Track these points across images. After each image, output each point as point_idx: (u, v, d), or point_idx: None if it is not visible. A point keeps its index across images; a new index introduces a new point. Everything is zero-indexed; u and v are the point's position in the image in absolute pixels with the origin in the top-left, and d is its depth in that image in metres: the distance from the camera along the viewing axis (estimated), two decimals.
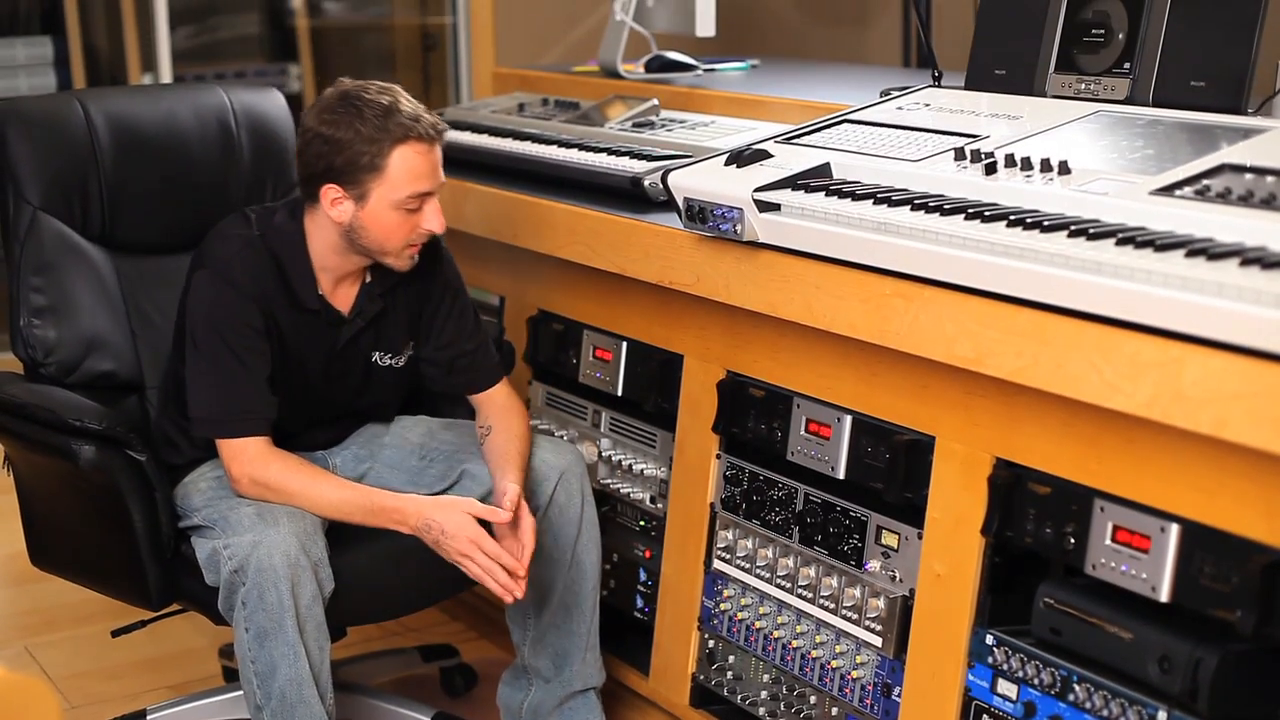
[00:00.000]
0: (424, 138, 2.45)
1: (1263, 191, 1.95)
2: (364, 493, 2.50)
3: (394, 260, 2.52)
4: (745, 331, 2.63)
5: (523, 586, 2.44)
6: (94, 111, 2.83)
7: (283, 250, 2.53)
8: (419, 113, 2.46)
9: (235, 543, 2.38)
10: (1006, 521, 2.17)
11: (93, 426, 2.48)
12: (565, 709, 2.75)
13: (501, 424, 2.67)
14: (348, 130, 2.42)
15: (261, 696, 2.39)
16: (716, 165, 2.54)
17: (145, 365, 2.82)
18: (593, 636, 2.73)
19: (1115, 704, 2.01)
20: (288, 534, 2.37)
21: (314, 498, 2.47)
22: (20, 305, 2.73)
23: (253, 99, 3.00)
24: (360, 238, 2.49)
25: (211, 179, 2.92)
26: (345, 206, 2.47)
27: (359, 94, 2.45)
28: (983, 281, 2.04)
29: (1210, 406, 1.76)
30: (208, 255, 2.54)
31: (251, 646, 2.38)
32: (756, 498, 2.65)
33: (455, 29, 5.62)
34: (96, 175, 2.81)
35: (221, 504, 2.50)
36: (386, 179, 2.44)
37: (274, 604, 2.34)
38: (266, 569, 2.34)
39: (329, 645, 2.44)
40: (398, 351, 2.68)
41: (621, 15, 3.63)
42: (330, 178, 2.45)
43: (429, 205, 2.49)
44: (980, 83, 2.62)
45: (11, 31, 5.31)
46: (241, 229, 2.55)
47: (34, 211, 2.75)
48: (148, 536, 2.52)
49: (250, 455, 2.48)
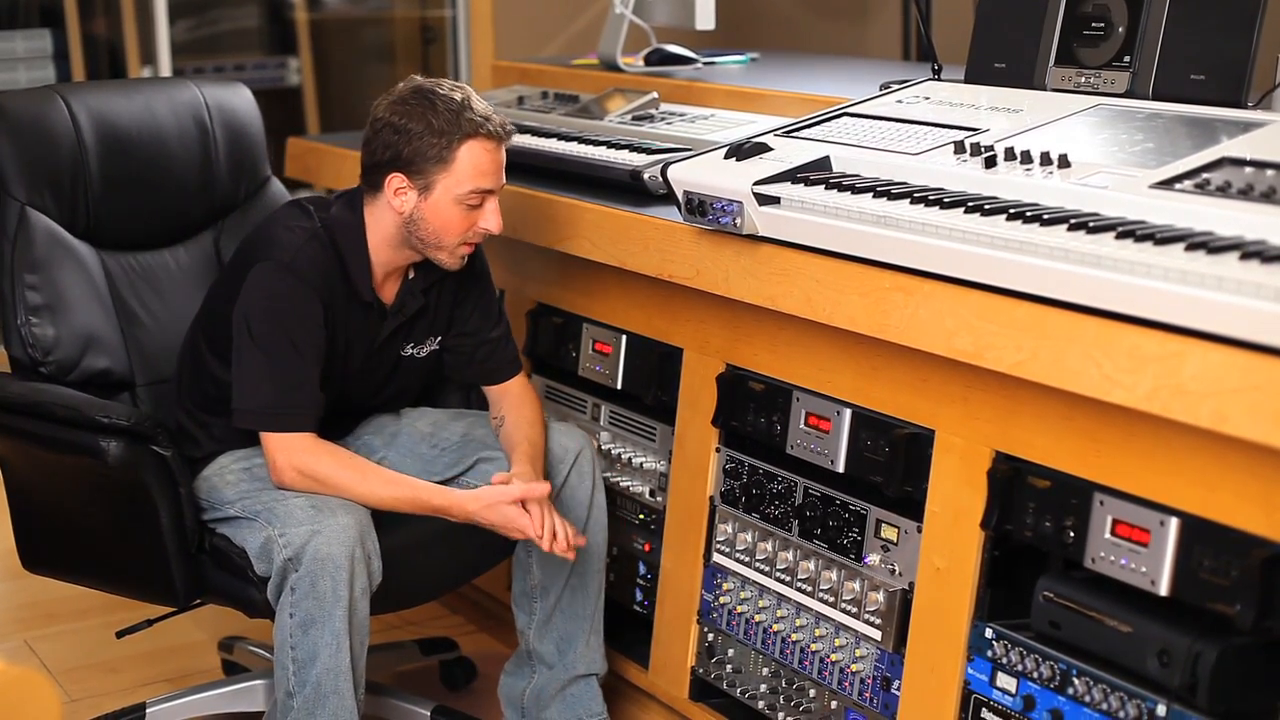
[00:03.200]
0: (493, 135, 2.50)
1: (1263, 185, 1.95)
2: (413, 488, 2.53)
3: (446, 256, 2.55)
4: (745, 325, 2.63)
5: (576, 544, 2.54)
6: (77, 107, 2.82)
7: (344, 242, 2.56)
8: (489, 112, 2.51)
9: (292, 533, 2.40)
10: (1006, 515, 2.17)
11: (121, 422, 2.48)
12: (567, 694, 2.76)
13: (514, 414, 2.71)
14: (419, 121, 2.47)
15: (296, 683, 2.41)
16: (716, 158, 2.54)
17: (134, 363, 2.81)
18: (597, 620, 2.76)
19: (1115, 697, 2.01)
20: (348, 524, 2.40)
21: (364, 492, 2.49)
22: (16, 303, 2.71)
23: (224, 94, 3.01)
24: (418, 229, 2.52)
25: (190, 174, 2.93)
26: (409, 196, 2.50)
27: (433, 88, 2.50)
28: (982, 275, 2.04)
29: (1210, 400, 1.75)
30: (271, 246, 2.54)
31: (294, 632, 2.39)
32: (756, 491, 2.65)
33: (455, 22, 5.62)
34: (83, 171, 2.80)
35: (263, 495, 2.51)
36: (452, 172, 2.48)
37: (327, 593, 2.37)
38: (325, 558, 2.36)
39: (368, 639, 2.46)
40: (423, 343, 2.71)
41: (621, 8, 3.63)
42: (397, 166, 2.49)
43: (489, 203, 2.53)
44: (980, 76, 2.62)
45: (11, 24, 5.31)
46: (303, 220, 2.57)
47: (21, 208, 2.74)
48: (174, 532, 2.52)
49: (300, 448, 2.50)
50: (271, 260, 2.52)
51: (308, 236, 2.54)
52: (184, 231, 2.95)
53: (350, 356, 2.62)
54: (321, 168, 3.67)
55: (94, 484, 2.58)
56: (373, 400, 2.76)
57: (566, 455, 2.69)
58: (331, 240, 2.55)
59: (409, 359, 2.71)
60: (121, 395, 2.80)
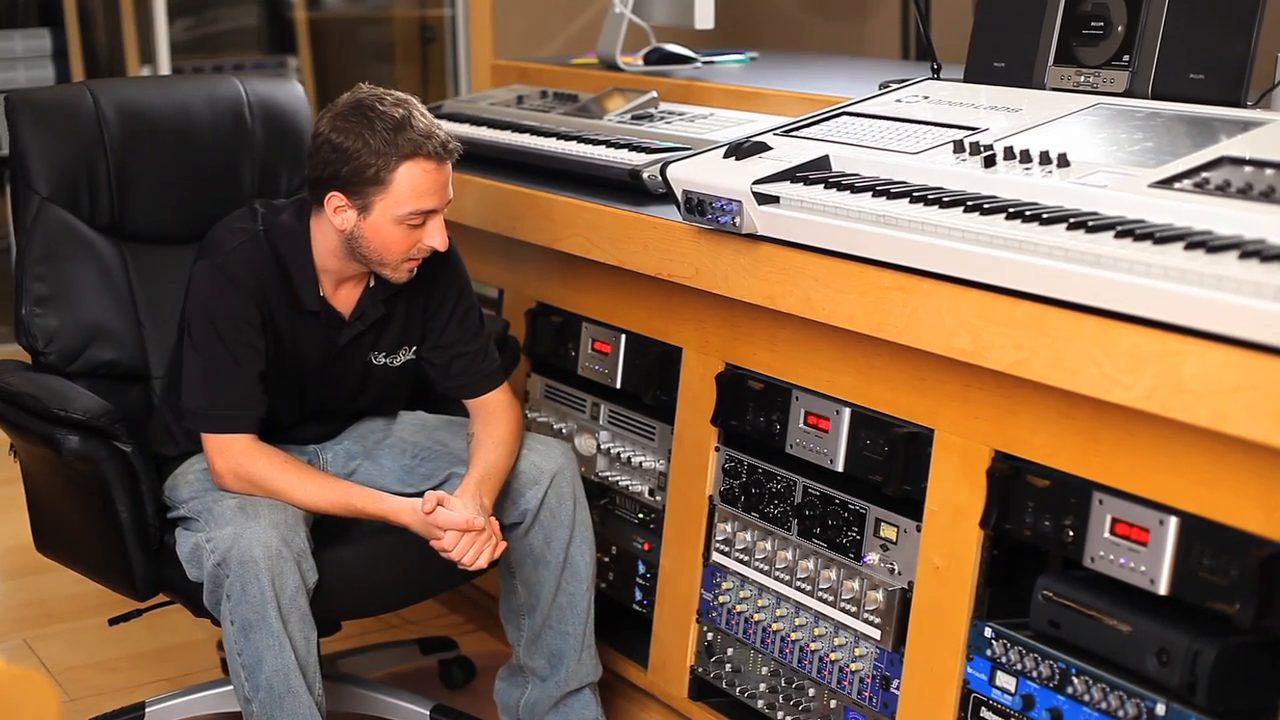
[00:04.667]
0: (432, 156, 2.44)
1: (1262, 184, 1.95)
2: (345, 492, 2.51)
3: (391, 272, 2.52)
4: (744, 324, 2.63)
5: (492, 547, 2.47)
6: (104, 102, 2.83)
7: (286, 249, 2.53)
8: (432, 129, 2.45)
9: (217, 536, 2.39)
10: (1005, 514, 2.17)
11: (75, 416, 2.48)
12: (562, 707, 2.74)
13: (482, 431, 2.64)
14: (356, 140, 2.42)
15: (250, 689, 2.40)
16: (715, 158, 2.53)
17: (151, 355, 2.83)
18: (588, 636, 2.72)
19: (1114, 696, 2.01)
20: (267, 526, 2.38)
21: (298, 495, 2.48)
22: (24, 294, 2.75)
23: (269, 89, 3.00)
24: (360, 247, 2.49)
25: (223, 170, 2.92)
26: (348, 215, 2.46)
27: (373, 104, 2.44)
28: (981, 274, 2.04)
29: (1209, 399, 1.75)
30: (210, 247, 2.54)
31: (237, 639, 2.38)
32: (755, 490, 2.65)
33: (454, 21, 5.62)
34: (105, 165, 2.81)
35: (206, 496, 2.51)
36: (390, 193, 2.43)
37: (256, 596, 2.35)
38: (248, 561, 2.35)
39: (315, 636, 2.44)
40: (394, 351, 2.67)
41: (620, 7, 3.63)
42: (335, 185, 2.45)
43: (432, 222, 2.48)
44: (979, 75, 2.62)
45: (10, 24, 5.31)
46: (247, 223, 2.55)
47: (41, 201, 2.76)
48: (133, 527, 2.53)
49: (235, 451, 2.49)
50: (207, 260, 2.51)
51: (245, 238, 2.52)
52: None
53: (304, 363, 2.59)
54: None
55: (63, 474, 2.61)
56: (351, 406, 2.73)
57: (542, 477, 2.63)
58: (272, 246, 2.52)
59: (381, 368, 2.67)
60: (134, 387, 2.82)
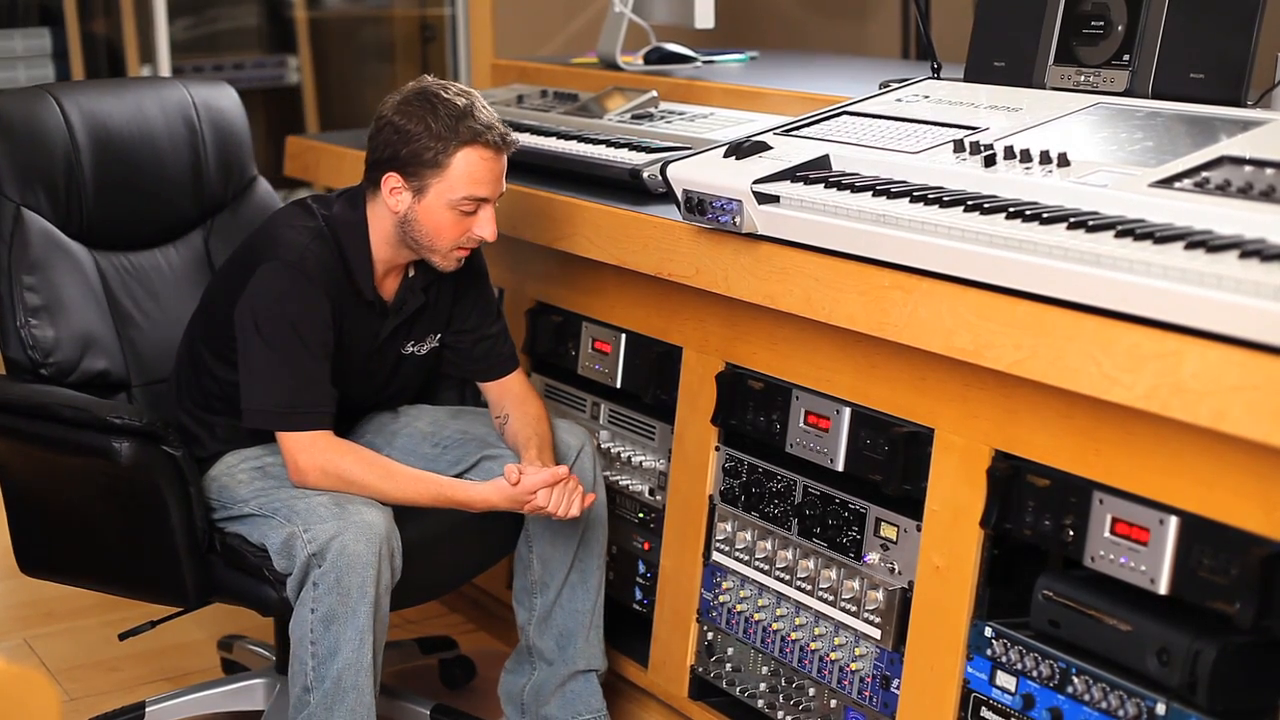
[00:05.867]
0: (491, 145, 2.50)
1: (1262, 184, 1.95)
2: (436, 484, 2.55)
3: (440, 260, 2.56)
4: (744, 323, 2.63)
5: (581, 495, 2.57)
6: (69, 107, 2.81)
7: (346, 240, 2.57)
8: (493, 121, 2.51)
9: (317, 529, 2.40)
10: (1005, 513, 2.17)
11: (134, 423, 2.47)
12: (567, 689, 2.76)
13: (518, 410, 2.72)
14: (419, 123, 2.47)
15: (314, 678, 2.41)
16: (715, 157, 2.53)
17: (130, 363, 2.81)
18: (597, 616, 2.77)
19: (1114, 696, 2.01)
20: (374, 521, 2.41)
21: (388, 489, 2.50)
22: (15, 305, 2.70)
23: (210, 94, 3.01)
24: (412, 230, 2.53)
25: (181, 174, 2.93)
26: (403, 197, 2.51)
27: (438, 92, 2.50)
28: (982, 273, 2.04)
29: (1209, 399, 1.75)
30: (276, 245, 2.55)
31: (315, 627, 2.40)
32: (755, 490, 2.65)
33: (454, 20, 5.62)
34: (77, 171, 2.79)
35: (280, 492, 2.51)
36: (446, 177, 2.48)
37: (353, 589, 2.37)
38: (353, 555, 2.37)
39: (386, 637, 2.47)
40: (422, 340, 2.71)
41: (620, 7, 3.63)
42: (394, 166, 2.50)
43: (484, 211, 2.53)
44: (979, 75, 2.61)
45: (10, 23, 5.31)
46: (307, 220, 2.57)
47: (17, 208, 2.73)
48: (185, 532, 2.52)
49: (321, 447, 2.50)
50: (278, 260, 2.52)
51: (312, 235, 2.55)
52: (175, 231, 2.95)
53: (353, 355, 2.62)
54: (320, 166, 3.67)
55: (103, 485, 2.57)
56: (375, 399, 2.77)
57: (569, 452, 2.70)
58: (335, 238, 2.56)
59: (410, 357, 2.71)
60: (119, 396, 2.79)
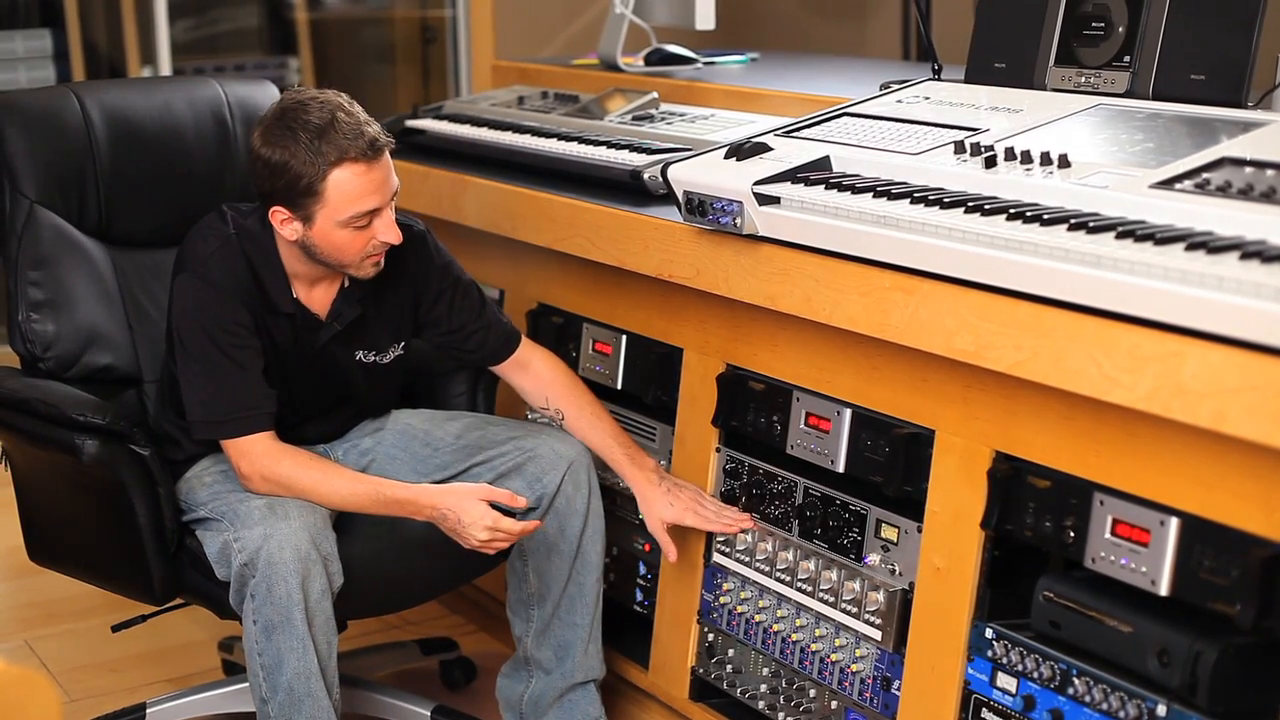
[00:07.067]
0: (360, 158, 2.40)
1: (1263, 185, 1.95)
2: (376, 485, 2.50)
3: (355, 271, 2.52)
4: (745, 325, 2.63)
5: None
6: (90, 104, 2.82)
7: (255, 254, 2.53)
8: (359, 128, 2.41)
9: (246, 536, 2.39)
10: (1006, 515, 2.17)
11: (96, 421, 2.48)
12: (565, 701, 2.75)
13: (572, 406, 2.72)
14: (284, 152, 2.40)
15: (268, 690, 2.40)
16: (716, 158, 2.54)
17: (142, 359, 2.82)
18: (595, 628, 2.74)
19: (1115, 697, 2.01)
20: (299, 528, 2.38)
21: (326, 492, 2.47)
22: (19, 300, 2.73)
23: (247, 92, 3.00)
24: (315, 253, 2.48)
25: (207, 172, 2.92)
26: (294, 226, 2.45)
27: (297, 113, 2.41)
28: (982, 275, 2.04)
29: (1210, 400, 1.75)
30: (187, 257, 2.54)
31: (259, 639, 2.38)
32: (756, 491, 2.65)
33: (455, 22, 5.62)
34: (93, 169, 2.80)
35: (230, 496, 2.50)
36: (327, 201, 2.41)
37: (283, 597, 2.35)
38: (277, 562, 2.35)
39: (336, 640, 2.44)
40: (383, 349, 2.67)
41: (621, 8, 3.63)
42: (275, 200, 2.44)
43: (379, 219, 2.45)
44: (980, 76, 2.61)
45: (11, 24, 5.31)
46: (218, 227, 2.55)
47: (31, 205, 2.75)
48: (152, 531, 2.53)
49: (259, 452, 2.48)
50: (188, 271, 2.50)
51: (220, 244, 2.51)
52: None
53: (288, 362, 2.58)
54: None
55: (76, 481, 2.60)
56: (348, 404, 2.73)
57: (560, 462, 2.64)
58: (243, 250, 2.52)
59: (370, 366, 2.67)
60: (127, 392, 2.80)
